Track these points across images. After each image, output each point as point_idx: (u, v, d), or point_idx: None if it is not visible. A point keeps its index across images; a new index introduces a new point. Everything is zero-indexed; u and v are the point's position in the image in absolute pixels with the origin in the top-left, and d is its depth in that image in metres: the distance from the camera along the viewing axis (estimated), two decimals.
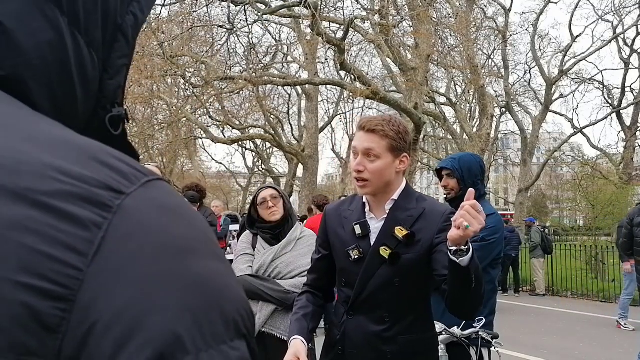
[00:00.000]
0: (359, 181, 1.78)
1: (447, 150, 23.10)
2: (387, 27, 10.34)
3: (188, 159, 25.41)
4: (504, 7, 19.24)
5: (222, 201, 13.55)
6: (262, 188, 2.95)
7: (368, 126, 1.76)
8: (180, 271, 0.38)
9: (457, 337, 2.36)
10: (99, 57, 0.49)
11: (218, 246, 0.43)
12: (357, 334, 1.78)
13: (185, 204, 0.43)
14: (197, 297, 0.38)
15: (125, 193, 0.39)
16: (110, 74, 0.51)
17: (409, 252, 1.74)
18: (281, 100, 22.50)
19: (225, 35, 12.83)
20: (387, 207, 1.82)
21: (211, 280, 0.39)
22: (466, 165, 2.77)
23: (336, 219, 1.90)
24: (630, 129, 20.94)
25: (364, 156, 1.76)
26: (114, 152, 0.42)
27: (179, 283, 0.38)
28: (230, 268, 0.43)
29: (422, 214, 1.78)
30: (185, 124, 17.92)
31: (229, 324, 0.39)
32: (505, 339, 2.70)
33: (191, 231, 0.41)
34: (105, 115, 0.51)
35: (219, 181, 31.55)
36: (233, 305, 0.40)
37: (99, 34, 0.48)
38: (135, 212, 0.39)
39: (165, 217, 0.40)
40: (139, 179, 0.41)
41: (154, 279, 0.37)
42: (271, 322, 2.65)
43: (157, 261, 0.37)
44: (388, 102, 11.36)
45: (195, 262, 0.39)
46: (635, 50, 21.10)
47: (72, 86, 0.47)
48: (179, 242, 0.39)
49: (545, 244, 11.23)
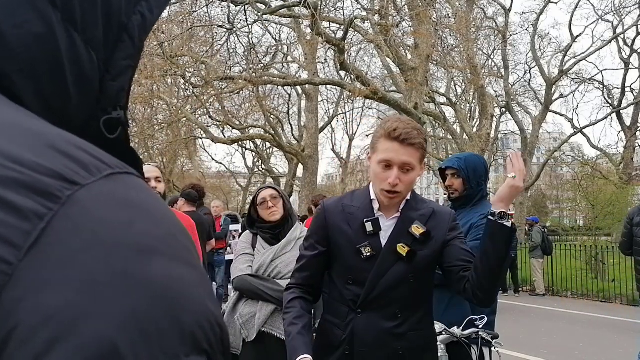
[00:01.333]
0: (391, 193, 1.76)
1: (447, 150, 23.08)
2: (387, 27, 10.34)
3: (188, 159, 25.41)
4: (504, 7, 19.23)
5: (222, 201, 13.55)
6: (262, 188, 2.95)
7: (408, 139, 1.71)
8: (132, 273, 0.34)
9: (457, 337, 2.36)
10: (100, 57, 0.47)
11: (190, 251, 0.39)
12: (367, 332, 1.77)
13: (156, 201, 0.40)
14: (148, 303, 0.33)
15: (80, 184, 0.35)
16: (112, 74, 0.48)
17: (424, 249, 1.80)
18: (281, 100, 22.52)
19: (225, 35, 12.83)
20: (400, 206, 1.85)
21: (169, 286, 0.35)
22: (472, 166, 2.78)
23: (339, 215, 1.85)
24: (630, 129, 20.93)
25: (401, 171, 1.74)
26: (80, 142, 0.39)
27: (128, 286, 0.33)
28: (200, 275, 0.39)
29: (432, 213, 1.85)
30: (185, 124, 17.92)
31: (184, 337, 0.34)
32: (505, 339, 2.70)
33: (155, 230, 0.37)
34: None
35: (219, 181, 31.53)
36: (192, 316, 0.36)
37: (99, 32, 0.46)
38: (88, 205, 0.35)
39: (125, 212, 0.36)
40: (100, 170, 0.37)
41: (98, 279, 0.32)
42: (271, 322, 2.65)
43: (106, 260, 0.33)
44: (388, 102, 11.36)
45: (154, 264, 0.35)
46: (635, 50, 21.10)
47: (64, 84, 0.44)
48: (137, 240, 0.35)
49: (546, 244, 11.22)
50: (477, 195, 2.78)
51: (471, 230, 2.67)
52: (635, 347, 5.74)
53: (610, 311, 9.20)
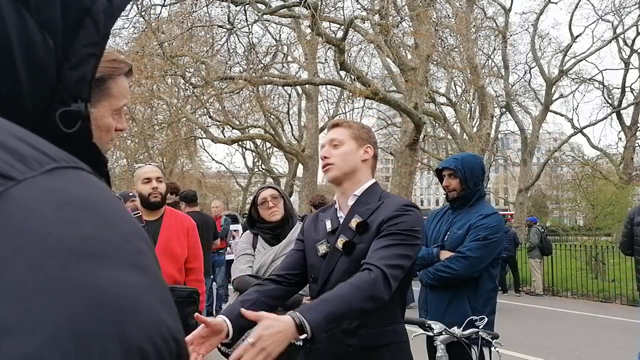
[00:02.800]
0: (324, 167, 1.89)
1: (447, 150, 23.09)
2: (387, 27, 10.34)
3: (188, 159, 25.40)
4: (504, 7, 19.24)
5: (222, 201, 13.55)
6: (263, 188, 2.95)
7: (332, 123, 1.97)
8: (69, 279, 0.29)
9: (457, 337, 2.36)
10: (58, 42, 0.42)
11: (145, 254, 0.34)
12: None
13: (108, 199, 0.35)
14: (86, 314, 0.28)
15: (16, 179, 0.31)
16: (72, 63, 0.44)
17: (362, 240, 1.78)
18: (281, 100, 22.51)
19: (225, 35, 12.84)
20: (349, 202, 1.87)
21: (114, 294, 0.30)
22: (469, 166, 2.78)
23: (312, 224, 1.99)
24: (630, 129, 20.94)
25: (330, 146, 1.89)
26: (19, 131, 0.35)
27: (64, 294, 0.28)
28: (154, 282, 0.34)
29: (379, 206, 1.81)
30: (185, 124, 17.92)
31: (130, 354, 0.29)
32: (505, 339, 2.70)
33: (103, 233, 0.32)
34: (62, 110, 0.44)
35: (219, 181, 31.52)
36: (142, 329, 0.30)
37: (56, 15, 0.42)
38: (24, 203, 0.30)
39: (68, 212, 0.31)
40: (42, 164, 0.33)
41: (28, 286, 0.28)
42: None
43: (40, 265, 0.28)
44: (388, 102, 11.36)
45: (98, 270, 0.30)
46: (635, 50, 21.10)
47: (13, 70, 0.40)
48: (79, 243, 0.31)
49: (544, 244, 11.23)
50: (475, 195, 2.79)
51: (470, 230, 2.68)
52: (635, 347, 5.74)
53: (610, 311, 9.20)
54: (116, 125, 1.01)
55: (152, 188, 2.94)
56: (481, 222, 2.67)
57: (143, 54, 10.99)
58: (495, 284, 2.77)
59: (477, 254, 2.59)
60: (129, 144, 20.10)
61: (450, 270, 2.61)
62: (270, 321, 1.40)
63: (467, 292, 2.63)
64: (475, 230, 2.66)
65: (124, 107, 1.02)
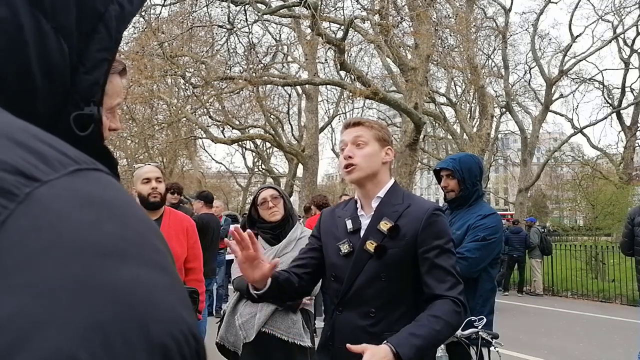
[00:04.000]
0: (348, 167, 1.83)
1: (447, 150, 23.09)
2: (387, 27, 10.33)
3: (188, 159, 25.42)
4: (504, 7, 19.24)
5: (222, 201, 13.56)
6: (263, 188, 2.95)
7: (354, 121, 1.91)
8: (96, 278, 0.30)
9: (457, 337, 2.36)
10: (72, 47, 0.43)
11: (163, 253, 0.36)
12: (345, 329, 1.81)
13: (127, 200, 0.36)
14: (113, 311, 0.30)
15: (41, 180, 0.32)
16: (86, 67, 0.45)
17: (394, 246, 1.78)
18: (281, 100, 22.53)
19: (225, 35, 12.84)
20: (373, 204, 1.87)
21: (137, 293, 0.31)
22: (467, 166, 2.78)
23: (330, 219, 1.98)
24: (630, 129, 20.93)
25: (353, 145, 1.85)
26: (42, 133, 0.35)
27: (91, 292, 0.29)
28: (173, 280, 0.35)
29: (406, 209, 1.82)
30: (185, 124, 17.93)
31: (153, 350, 0.30)
32: (505, 339, 2.70)
33: (123, 231, 0.33)
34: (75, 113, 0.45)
35: (219, 181, 31.54)
36: (164, 326, 0.32)
37: (71, 20, 0.43)
38: (49, 203, 0.31)
39: (91, 212, 0.33)
40: (65, 165, 0.34)
41: (57, 285, 0.29)
42: (271, 322, 2.65)
43: (67, 264, 0.30)
44: (388, 102, 11.36)
45: (121, 268, 0.31)
46: (635, 50, 21.09)
47: (28, 74, 0.41)
48: (102, 242, 0.32)
49: (544, 245, 11.24)
50: (473, 195, 2.79)
51: (469, 231, 2.68)
52: (635, 347, 5.74)
53: (610, 311, 9.20)
54: (110, 124, 1.01)
55: (151, 188, 2.94)
56: (480, 223, 2.67)
57: (143, 54, 10.98)
58: (493, 284, 2.77)
59: (476, 254, 2.59)
60: (129, 144, 20.11)
61: None
62: (374, 349, 1.57)
63: (466, 293, 2.62)
64: (474, 230, 2.66)
65: (118, 106, 1.02)
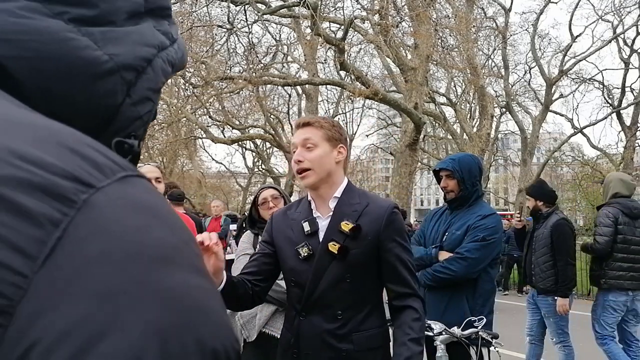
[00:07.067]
0: (301, 172, 1.79)
1: (447, 150, 23.09)
2: (387, 27, 10.34)
3: (188, 159, 25.41)
4: (504, 7, 19.25)
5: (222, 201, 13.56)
6: (263, 188, 2.95)
7: (302, 121, 1.85)
8: (152, 284, 0.31)
9: (457, 337, 2.36)
10: (124, 78, 0.45)
11: (201, 259, 0.37)
12: (311, 334, 1.76)
13: (166, 205, 0.37)
14: (169, 316, 0.31)
15: (96, 187, 0.33)
16: (133, 99, 0.46)
17: (357, 246, 1.75)
18: (281, 100, 22.53)
19: (225, 35, 12.86)
20: (331, 204, 1.83)
21: (189, 298, 0.32)
22: (466, 167, 2.78)
23: (283, 222, 1.89)
24: (630, 129, 20.92)
25: (303, 147, 1.79)
26: (91, 141, 0.36)
27: (150, 298, 0.31)
28: (213, 286, 0.36)
29: (365, 208, 1.79)
30: (185, 124, 17.93)
31: (205, 354, 0.32)
32: (505, 339, 2.71)
33: (170, 237, 0.34)
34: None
35: (219, 181, 31.51)
36: (214, 330, 0.33)
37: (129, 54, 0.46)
38: (105, 210, 0.32)
39: (142, 218, 0.34)
40: (114, 172, 0.35)
41: (118, 291, 0.30)
42: (272, 323, 2.65)
43: (125, 270, 0.31)
44: (388, 102, 11.36)
45: (172, 274, 0.32)
46: (635, 50, 21.08)
47: (69, 86, 0.42)
48: (154, 248, 0.33)
49: None
50: (473, 195, 2.79)
51: (469, 231, 2.68)
52: None
53: None
54: None
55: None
56: (480, 223, 2.67)
57: None
58: (493, 284, 2.77)
59: (476, 254, 2.60)
60: None
61: (449, 271, 2.61)
62: None
63: (466, 293, 2.64)
64: (473, 231, 2.66)
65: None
